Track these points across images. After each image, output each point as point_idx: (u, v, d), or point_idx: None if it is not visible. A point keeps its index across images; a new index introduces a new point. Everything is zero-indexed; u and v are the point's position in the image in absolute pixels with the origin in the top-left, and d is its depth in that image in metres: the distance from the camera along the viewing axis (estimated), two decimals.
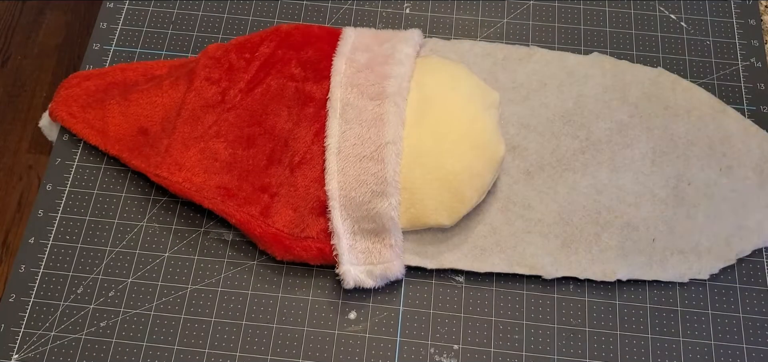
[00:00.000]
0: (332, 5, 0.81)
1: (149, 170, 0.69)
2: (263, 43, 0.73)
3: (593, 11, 0.81)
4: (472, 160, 0.66)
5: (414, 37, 0.73)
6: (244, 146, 0.69)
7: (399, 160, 0.65)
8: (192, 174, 0.68)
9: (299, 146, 0.68)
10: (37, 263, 0.67)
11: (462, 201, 0.66)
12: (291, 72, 0.71)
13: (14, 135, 0.74)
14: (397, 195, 0.65)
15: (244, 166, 0.68)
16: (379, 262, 0.65)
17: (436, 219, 0.66)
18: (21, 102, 0.76)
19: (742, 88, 0.77)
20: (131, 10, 0.80)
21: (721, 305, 0.66)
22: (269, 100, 0.71)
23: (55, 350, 0.64)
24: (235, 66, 0.72)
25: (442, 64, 0.71)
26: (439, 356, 0.64)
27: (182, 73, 0.73)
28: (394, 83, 0.68)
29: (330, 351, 0.64)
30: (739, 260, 0.68)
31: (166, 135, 0.70)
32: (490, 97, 0.70)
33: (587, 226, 0.68)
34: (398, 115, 0.66)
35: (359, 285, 0.65)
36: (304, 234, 0.66)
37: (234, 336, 0.65)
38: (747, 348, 0.65)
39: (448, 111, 0.67)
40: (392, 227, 0.65)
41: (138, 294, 0.66)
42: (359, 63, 0.70)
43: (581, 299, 0.66)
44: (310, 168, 0.67)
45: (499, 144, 0.68)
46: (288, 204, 0.67)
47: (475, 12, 0.80)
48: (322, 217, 0.66)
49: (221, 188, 0.67)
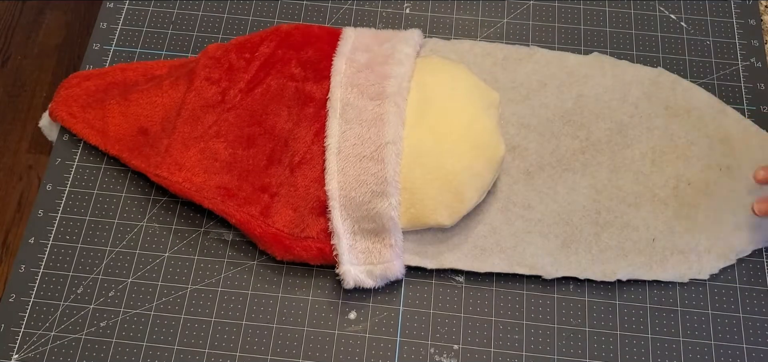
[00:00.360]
0: (332, 5, 0.81)
1: (149, 170, 0.69)
2: (263, 43, 0.73)
3: (593, 11, 0.81)
4: (472, 159, 0.66)
5: (414, 37, 0.73)
6: (244, 146, 0.69)
7: (399, 159, 0.65)
8: (192, 174, 0.68)
9: (299, 146, 0.68)
10: (37, 263, 0.67)
11: (462, 201, 0.66)
12: (291, 72, 0.71)
13: (14, 135, 0.74)
14: (397, 195, 0.65)
15: (244, 165, 0.68)
16: (379, 262, 0.65)
17: (436, 219, 0.66)
18: (21, 102, 0.76)
19: (742, 88, 0.77)
20: (131, 10, 0.80)
21: (721, 305, 0.66)
22: (269, 100, 0.71)
23: (55, 350, 0.64)
24: (235, 66, 0.72)
25: (442, 64, 0.71)
26: (439, 356, 0.64)
27: (182, 73, 0.73)
28: (394, 83, 0.68)
29: (330, 351, 0.64)
30: (739, 260, 0.68)
31: (166, 135, 0.70)
32: (490, 97, 0.70)
33: (587, 226, 0.68)
34: (398, 115, 0.66)
35: (359, 285, 0.65)
36: (304, 234, 0.66)
37: (234, 336, 0.65)
38: (747, 348, 0.64)
39: (448, 111, 0.67)
40: (392, 227, 0.65)
41: (138, 294, 0.66)
42: (359, 63, 0.70)
43: (581, 299, 0.66)
44: (310, 168, 0.67)
45: (499, 144, 0.68)
46: (288, 204, 0.67)
47: (475, 12, 0.80)
48: (322, 217, 0.66)
49: (221, 188, 0.67)
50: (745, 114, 0.75)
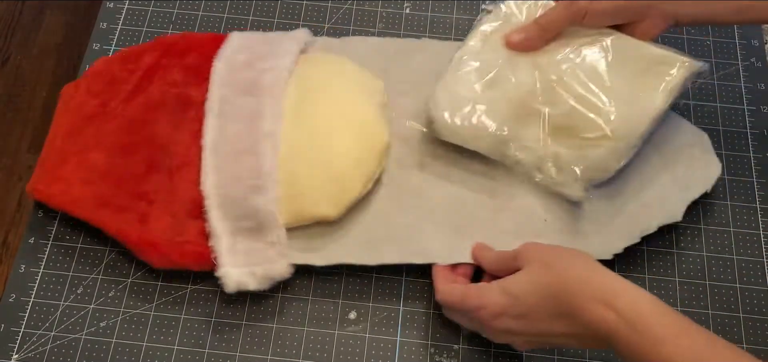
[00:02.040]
0: (332, 5, 0.81)
1: (29, 186, 0.67)
2: (147, 53, 0.72)
3: None
4: (354, 147, 0.65)
5: (299, 34, 0.72)
6: (122, 155, 0.67)
7: (276, 152, 0.64)
8: (68, 185, 0.66)
9: (179, 150, 0.67)
10: (37, 263, 0.67)
11: (345, 190, 0.64)
12: (173, 78, 0.70)
13: (14, 135, 0.74)
14: (275, 189, 0.63)
15: (121, 174, 0.66)
16: (262, 263, 0.63)
17: (319, 211, 0.64)
18: (21, 102, 0.76)
19: (742, 88, 0.77)
20: (131, 10, 0.80)
21: (721, 304, 0.66)
22: (149, 109, 0.69)
23: (55, 350, 0.64)
24: (118, 77, 0.71)
25: (325, 58, 0.71)
26: (439, 356, 0.64)
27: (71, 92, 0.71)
28: (271, 76, 0.67)
29: (330, 351, 0.64)
30: (740, 260, 0.68)
31: (50, 153, 0.68)
32: (373, 85, 0.69)
33: (482, 211, 0.67)
34: (274, 107, 0.65)
35: (242, 288, 0.63)
36: (182, 239, 0.64)
37: (234, 336, 0.64)
38: (747, 348, 0.64)
39: (329, 101, 0.66)
40: (272, 223, 0.63)
41: (138, 294, 0.66)
42: (239, 62, 0.69)
43: None
44: (188, 170, 0.66)
45: (383, 131, 0.67)
46: (166, 210, 0.65)
47: (475, 12, 0.80)
48: (200, 219, 0.64)
49: (97, 197, 0.65)
50: (745, 114, 0.75)
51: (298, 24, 0.79)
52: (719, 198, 0.71)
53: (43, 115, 0.75)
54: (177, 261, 0.64)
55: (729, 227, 0.70)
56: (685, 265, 0.68)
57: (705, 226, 0.70)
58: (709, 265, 0.68)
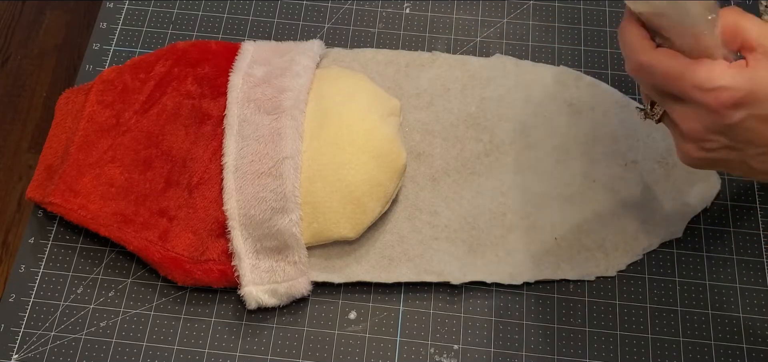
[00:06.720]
0: (332, 5, 0.81)
1: (44, 200, 0.67)
2: (159, 62, 0.72)
3: (593, 11, 0.81)
4: (372, 170, 0.65)
5: (313, 47, 0.72)
6: (141, 170, 0.67)
7: (298, 174, 0.64)
8: (87, 200, 0.66)
9: (197, 166, 0.67)
10: (37, 263, 0.67)
11: (364, 212, 0.65)
12: (187, 89, 0.70)
13: (14, 135, 0.74)
14: (298, 211, 0.64)
15: (141, 190, 0.66)
16: (284, 281, 0.64)
17: (339, 232, 0.65)
18: (21, 102, 0.76)
19: None
20: (131, 10, 0.80)
21: (721, 305, 0.66)
22: (165, 121, 0.69)
23: (55, 350, 0.64)
24: (130, 87, 0.71)
25: (341, 74, 0.71)
26: (439, 356, 0.64)
27: (80, 100, 0.71)
28: (291, 96, 0.67)
29: (330, 351, 0.64)
30: (740, 260, 0.68)
31: (61, 164, 0.68)
32: (389, 105, 0.69)
33: (493, 229, 0.68)
34: (295, 128, 0.65)
35: (263, 306, 0.64)
36: (205, 257, 0.64)
37: (234, 336, 0.65)
38: (747, 348, 0.64)
39: (346, 121, 0.66)
40: (295, 244, 0.64)
41: (138, 294, 0.66)
42: (256, 77, 0.69)
43: (581, 299, 0.66)
44: (208, 188, 0.66)
45: (401, 152, 0.67)
46: (187, 227, 0.65)
47: (475, 12, 0.80)
48: (223, 238, 0.64)
49: (117, 214, 0.65)
50: None
51: (298, 24, 0.79)
52: (719, 199, 0.71)
53: (43, 115, 0.75)
54: (201, 279, 0.64)
55: (729, 227, 0.70)
56: (685, 265, 0.68)
57: (705, 226, 0.70)
58: (709, 265, 0.68)
